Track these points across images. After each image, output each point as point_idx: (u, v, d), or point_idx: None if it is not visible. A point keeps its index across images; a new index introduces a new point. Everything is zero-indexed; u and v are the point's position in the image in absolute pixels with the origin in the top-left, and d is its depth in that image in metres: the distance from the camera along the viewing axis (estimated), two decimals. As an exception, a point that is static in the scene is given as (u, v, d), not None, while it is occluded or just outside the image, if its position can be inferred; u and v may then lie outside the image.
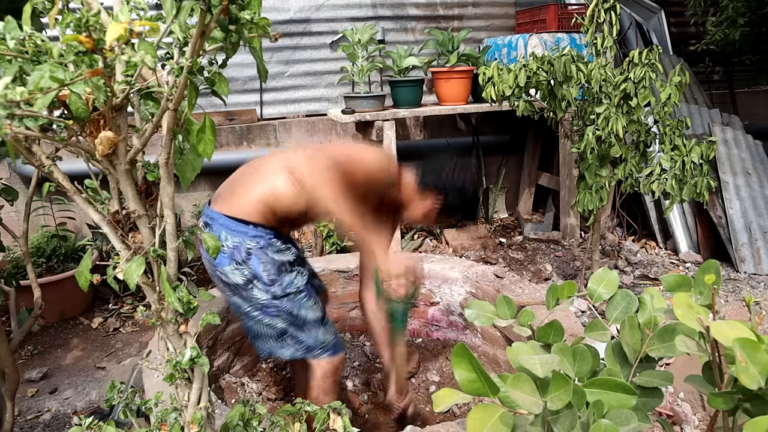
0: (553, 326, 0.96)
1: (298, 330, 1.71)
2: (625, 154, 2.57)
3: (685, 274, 0.91)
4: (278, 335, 1.73)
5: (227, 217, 1.61)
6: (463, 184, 1.78)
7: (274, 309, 1.67)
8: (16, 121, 0.65)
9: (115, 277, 0.85)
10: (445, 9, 4.31)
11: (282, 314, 1.68)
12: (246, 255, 1.61)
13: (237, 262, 1.61)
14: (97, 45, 0.67)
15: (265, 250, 1.63)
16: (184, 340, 0.95)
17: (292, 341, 1.73)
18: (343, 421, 1.14)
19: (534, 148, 4.44)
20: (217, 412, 1.48)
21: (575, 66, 2.47)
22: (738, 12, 3.74)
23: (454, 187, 1.78)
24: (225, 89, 0.88)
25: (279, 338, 1.73)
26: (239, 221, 1.61)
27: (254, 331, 1.76)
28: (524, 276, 3.46)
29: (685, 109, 4.14)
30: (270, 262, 1.63)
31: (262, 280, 1.63)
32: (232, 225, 1.60)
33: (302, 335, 1.72)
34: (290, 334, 1.72)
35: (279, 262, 1.65)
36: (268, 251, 1.63)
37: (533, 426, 0.78)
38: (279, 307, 1.67)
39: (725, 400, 0.74)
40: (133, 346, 2.91)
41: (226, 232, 1.60)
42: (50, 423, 2.27)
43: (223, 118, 3.89)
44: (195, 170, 0.94)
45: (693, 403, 2.06)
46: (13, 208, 3.33)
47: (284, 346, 1.74)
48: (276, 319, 1.69)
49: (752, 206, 3.60)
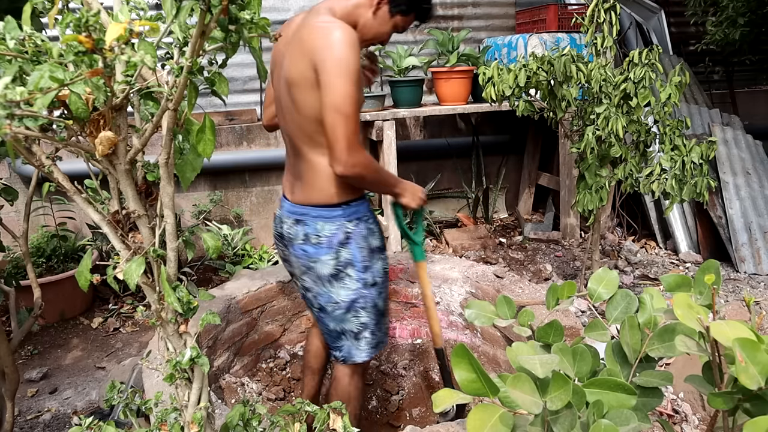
0: (553, 326, 0.96)
1: (378, 319, 1.68)
2: (625, 154, 2.57)
3: (684, 274, 0.91)
4: (357, 333, 1.67)
5: (316, 207, 1.58)
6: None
7: (362, 300, 1.63)
8: (16, 121, 0.65)
9: (115, 277, 0.85)
10: (445, 9, 4.31)
11: (368, 305, 1.64)
12: (345, 240, 1.58)
13: (335, 250, 1.57)
14: (97, 45, 0.67)
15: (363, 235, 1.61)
16: (184, 340, 0.95)
17: (370, 337, 1.68)
18: (343, 421, 1.14)
19: (534, 148, 4.44)
20: (217, 412, 1.48)
21: (575, 66, 2.47)
22: (738, 12, 3.74)
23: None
24: (225, 89, 0.88)
25: (357, 336, 1.67)
26: (328, 207, 1.58)
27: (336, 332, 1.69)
28: (524, 276, 3.46)
29: (685, 109, 4.14)
30: (366, 247, 1.62)
31: (357, 267, 1.60)
32: (324, 213, 1.57)
33: (381, 325, 1.70)
34: (370, 328, 1.67)
35: (372, 247, 1.64)
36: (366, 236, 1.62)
37: (533, 426, 0.78)
38: (367, 296, 1.63)
39: (725, 400, 0.74)
40: (133, 346, 2.91)
41: (322, 222, 1.57)
42: (50, 423, 2.27)
43: (223, 118, 3.89)
44: (195, 170, 0.94)
45: (693, 403, 2.06)
46: (13, 208, 3.33)
47: (360, 344, 1.68)
48: (361, 311, 1.64)
49: (752, 206, 3.60)
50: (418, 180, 4.36)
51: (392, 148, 3.41)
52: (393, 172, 1.92)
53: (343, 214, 1.58)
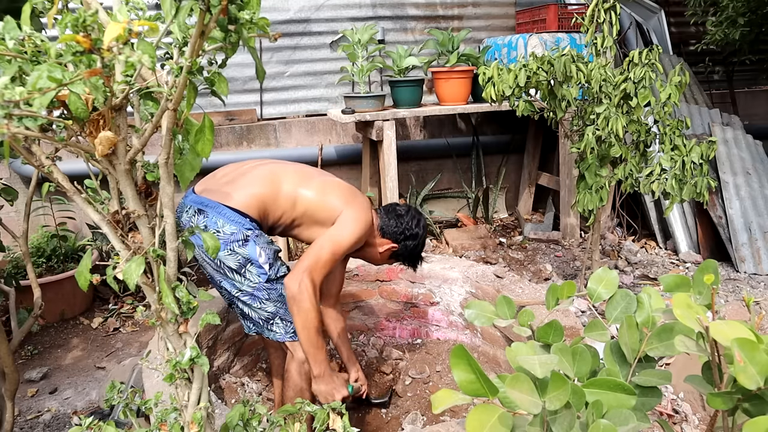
0: (552, 326, 0.96)
1: (287, 311, 1.79)
2: (625, 154, 2.57)
3: (684, 274, 0.91)
4: (267, 318, 1.81)
5: (225, 206, 1.69)
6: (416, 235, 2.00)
7: (266, 292, 1.76)
8: (15, 121, 0.65)
9: (115, 277, 0.85)
10: (445, 9, 4.31)
11: (273, 297, 1.77)
12: (243, 241, 1.70)
13: (231, 249, 1.69)
14: (95, 45, 0.67)
15: (261, 236, 1.75)
16: (184, 340, 0.95)
17: (282, 323, 1.82)
18: (343, 421, 1.14)
19: (534, 148, 4.44)
20: (217, 412, 1.48)
21: (575, 66, 2.47)
22: (738, 12, 3.74)
23: (408, 240, 2.00)
24: (225, 89, 0.88)
25: (267, 321, 1.82)
26: (237, 212, 1.70)
27: (243, 313, 1.85)
28: (524, 276, 3.46)
29: (685, 109, 4.14)
30: (267, 247, 1.76)
31: (256, 263, 1.72)
32: (229, 214, 1.69)
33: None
34: (280, 316, 1.81)
35: (274, 249, 1.79)
36: (263, 239, 1.76)
37: (532, 426, 0.78)
38: (270, 289, 1.77)
39: (725, 400, 0.74)
40: (133, 346, 2.91)
41: (223, 219, 1.68)
42: (50, 423, 2.27)
43: (223, 118, 3.89)
44: (194, 170, 0.94)
45: (693, 403, 2.06)
46: (13, 208, 3.33)
47: (272, 327, 1.83)
48: (266, 302, 1.78)
49: (752, 206, 3.60)
50: (418, 180, 4.36)
51: (392, 148, 3.41)
52: None
53: (244, 224, 1.71)
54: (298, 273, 1.67)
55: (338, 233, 1.78)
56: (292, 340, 1.83)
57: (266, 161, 1.95)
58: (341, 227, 1.79)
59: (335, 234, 1.77)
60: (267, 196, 1.77)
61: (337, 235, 1.77)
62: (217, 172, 1.89)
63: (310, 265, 1.68)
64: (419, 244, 2.04)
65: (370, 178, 4.02)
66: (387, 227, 1.99)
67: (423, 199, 4.30)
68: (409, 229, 1.99)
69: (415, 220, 2.02)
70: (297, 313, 1.66)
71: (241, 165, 1.91)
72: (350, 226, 1.80)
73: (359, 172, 4.16)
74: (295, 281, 1.66)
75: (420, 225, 2.02)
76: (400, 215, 2.01)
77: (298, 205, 1.81)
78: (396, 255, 2.04)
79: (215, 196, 1.72)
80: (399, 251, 2.02)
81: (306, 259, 1.70)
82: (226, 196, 1.72)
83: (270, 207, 1.78)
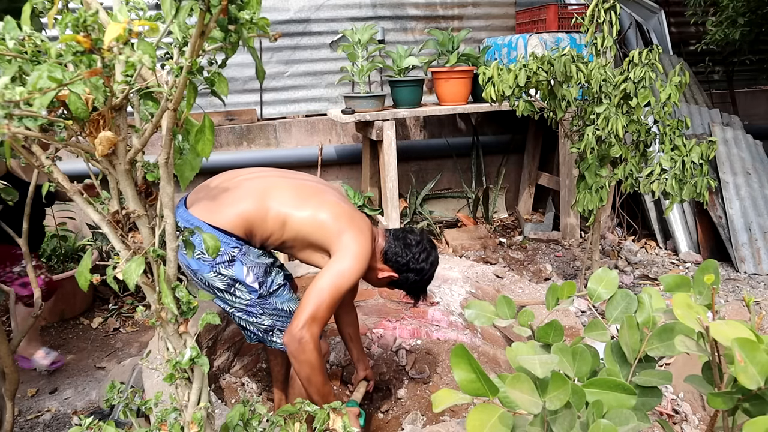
0: (553, 326, 0.96)
1: (285, 322, 1.76)
2: (625, 154, 2.57)
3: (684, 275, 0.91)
4: (266, 330, 1.78)
5: (209, 226, 1.60)
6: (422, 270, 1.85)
7: (260, 308, 1.72)
8: (15, 121, 0.65)
9: (115, 277, 0.85)
10: (445, 9, 4.31)
11: (267, 311, 1.73)
12: (229, 263, 1.63)
13: (217, 271, 1.63)
14: (95, 45, 0.67)
15: (248, 256, 1.66)
16: (184, 340, 0.95)
17: (282, 334, 1.76)
18: (343, 421, 1.14)
19: (534, 148, 4.44)
20: (217, 412, 1.48)
21: (575, 66, 2.47)
22: (738, 12, 3.75)
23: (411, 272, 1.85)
24: (225, 89, 0.88)
25: (267, 332, 1.79)
26: (221, 231, 1.61)
27: (242, 325, 1.83)
28: (524, 276, 3.46)
29: (685, 109, 4.14)
30: (256, 265, 1.67)
31: (245, 283, 1.66)
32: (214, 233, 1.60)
33: None
34: (278, 328, 1.77)
35: (264, 264, 1.70)
36: (251, 256, 1.67)
37: (532, 426, 0.78)
38: (265, 305, 1.72)
39: (725, 400, 0.74)
40: (133, 346, 2.91)
41: None
42: (50, 423, 2.27)
43: (223, 118, 3.89)
44: (194, 170, 0.93)
45: (693, 403, 2.06)
46: (13, 208, 3.32)
47: (273, 338, 1.80)
48: (261, 317, 1.74)
49: (752, 206, 3.60)
50: (418, 180, 4.36)
51: (392, 148, 3.41)
52: None
53: (229, 243, 1.62)
54: (297, 329, 1.53)
55: (338, 271, 1.61)
56: None
57: (266, 172, 1.83)
58: (341, 262, 1.62)
59: (335, 272, 1.61)
60: (254, 215, 1.64)
61: (337, 273, 1.60)
62: (212, 181, 1.78)
63: (310, 317, 1.54)
64: (423, 280, 1.88)
65: (370, 178, 4.02)
66: (391, 254, 1.84)
67: (423, 199, 4.30)
68: (414, 262, 1.83)
69: (425, 253, 1.85)
70: (299, 370, 1.56)
71: (237, 174, 1.80)
72: (350, 260, 1.62)
73: (359, 172, 4.16)
74: (295, 340, 1.53)
75: (429, 260, 1.86)
76: (409, 245, 1.85)
77: (288, 227, 1.67)
78: (396, 284, 1.91)
79: (202, 213, 1.63)
80: (399, 281, 1.88)
81: (305, 308, 1.56)
82: (212, 213, 1.62)
83: (257, 227, 1.65)
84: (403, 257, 1.83)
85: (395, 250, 1.83)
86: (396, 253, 1.83)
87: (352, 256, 1.63)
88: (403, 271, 1.84)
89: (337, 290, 1.59)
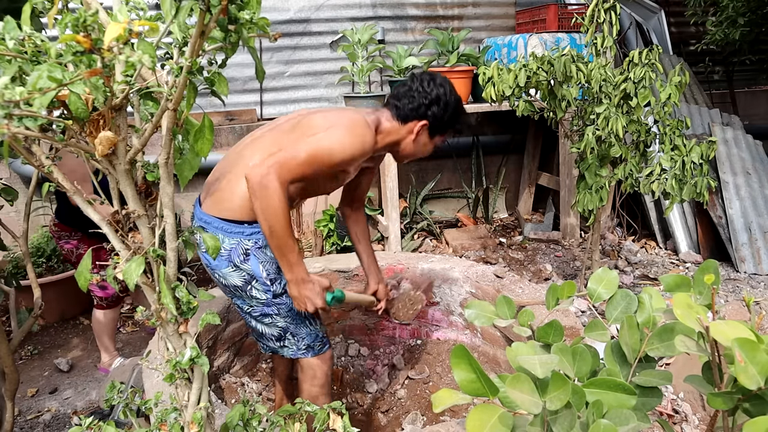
0: (553, 326, 0.96)
1: (297, 326, 1.73)
2: (625, 154, 2.57)
3: (684, 275, 0.91)
4: (278, 336, 1.75)
5: (220, 219, 1.59)
6: (438, 97, 1.69)
7: (275, 307, 1.69)
8: (15, 121, 0.65)
9: (114, 277, 0.85)
10: (445, 9, 4.31)
11: (282, 312, 1.69)
12: (244, 256, 1.61)
13: (234, 265, 1.61)
14: (95, 45, 0.67)
15: (263, 250, 1.63)
16: (184, 340, 0.95)
17: (293, 339, 1.74)
18: (343, 421, 1.14)
19: (534, 148, 4.44)
20: (217, 412, 1.48)
21: (575, 66, 2.47)
22: (738, 12, 3.75)
23: (432, 104, 1.69)
24: (225, 89, 0.88)
25: (279, 339, 1.76)
26: (232, 222, 1.59)
27: (258, 331, 1.79)
28: (524, 276, 3.46)
29: (685, 109, 4.14)
30: (269, 260, 1.64)
31: (260, 280, 1.63)
32: (226, 227, 1.59)
33: (302, 331, 1.74)
34: (290, 331, 1.74)
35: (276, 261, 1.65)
36: (267, 250, 1.63)
37: (532, 426, 0.78)
38: (279, 304, 1.68)
39: (725, 400, 0.74)
40: (133, 346, 2.91)
41: (222, 234, 1.59)
42: (50, 423, 2.27)
43: (223, 118, 3.89)
44: (193, 169, 0.93)
45: (693, 403, 2.06)
46: (13, 208, 3.32)
47: (284, 346, 1.77)
48: (276, 317, 1.70)
49: (752, 206, 3.60)
50: (418, 180, 4.36)
51: (392, 148, 3.41)
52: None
53: (243, 233, 1.60)
54: (264, 165, 1.45)
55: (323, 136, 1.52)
56: (304, 356, 1.77)
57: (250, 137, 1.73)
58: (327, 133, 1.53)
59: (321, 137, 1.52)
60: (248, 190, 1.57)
61: (316, 139, 1.51)
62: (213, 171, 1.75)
63: (281, 161, 1.45)
64: (449, 104, 1.71)
65: (370, 178, 4.02)
66: (402, 109, 1.69)
67: (423, 199, 4.30)
68: (425, 95, 1.68)
69: (426, 81, 1.70)
70: (257, 206, 1.46)
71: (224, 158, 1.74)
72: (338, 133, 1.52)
73: (359, 172, 4.16)
74: (258, 173, 1.44)
75: (436, 83, 1.70)
76: (408, 87, 1.70)
77: None
78: (433, 130, 1.72)
79: (211, 208, 1.62)
80: (432, 124, 1.70)
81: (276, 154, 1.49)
82: (219, 204, 1.61)
83: None
84: (413, 101, 1.68)
85: (401, 102, 1.69)
86: (405, 104, 1.69)
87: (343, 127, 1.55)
88: (424, 111, 1.68)
89: (314, 154, 1.50)
